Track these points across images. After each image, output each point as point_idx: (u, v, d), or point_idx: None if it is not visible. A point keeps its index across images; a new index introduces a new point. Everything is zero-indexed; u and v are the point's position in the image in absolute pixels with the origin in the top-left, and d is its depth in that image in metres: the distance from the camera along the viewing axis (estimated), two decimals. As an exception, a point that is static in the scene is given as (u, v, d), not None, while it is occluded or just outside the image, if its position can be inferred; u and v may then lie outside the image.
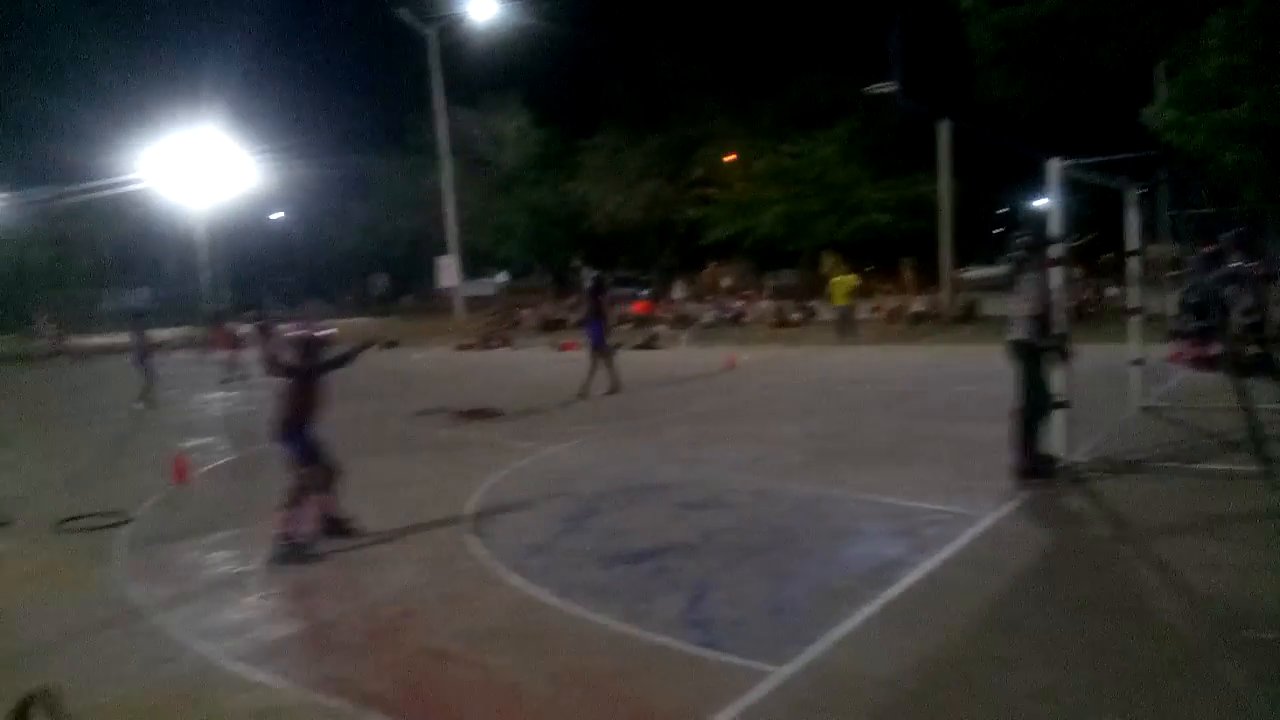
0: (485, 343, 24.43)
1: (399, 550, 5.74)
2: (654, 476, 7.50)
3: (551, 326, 30.15)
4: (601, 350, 12.86)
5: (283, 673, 3.94)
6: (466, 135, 43.04)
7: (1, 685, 3.91)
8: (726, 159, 41.08)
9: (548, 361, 19.54)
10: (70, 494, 7.98)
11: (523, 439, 9.52)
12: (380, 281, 76.45)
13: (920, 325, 22.50)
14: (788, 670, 3.74)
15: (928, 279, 26.89)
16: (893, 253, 31.60)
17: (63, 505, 7.38)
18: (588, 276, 13.03)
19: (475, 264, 50.56)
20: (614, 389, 12.67)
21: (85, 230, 45.20)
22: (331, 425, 11.14)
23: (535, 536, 5.86)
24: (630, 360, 18.69)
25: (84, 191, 37.85)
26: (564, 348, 22.16)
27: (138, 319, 16.16)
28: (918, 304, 24.40)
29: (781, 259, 40.06)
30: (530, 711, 3.52)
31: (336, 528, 5.96)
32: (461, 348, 24.24)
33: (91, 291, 42.13)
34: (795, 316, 25.79)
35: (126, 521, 6.75)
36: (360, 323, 43.40)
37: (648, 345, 21.70)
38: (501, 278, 58.45)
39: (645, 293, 36.20)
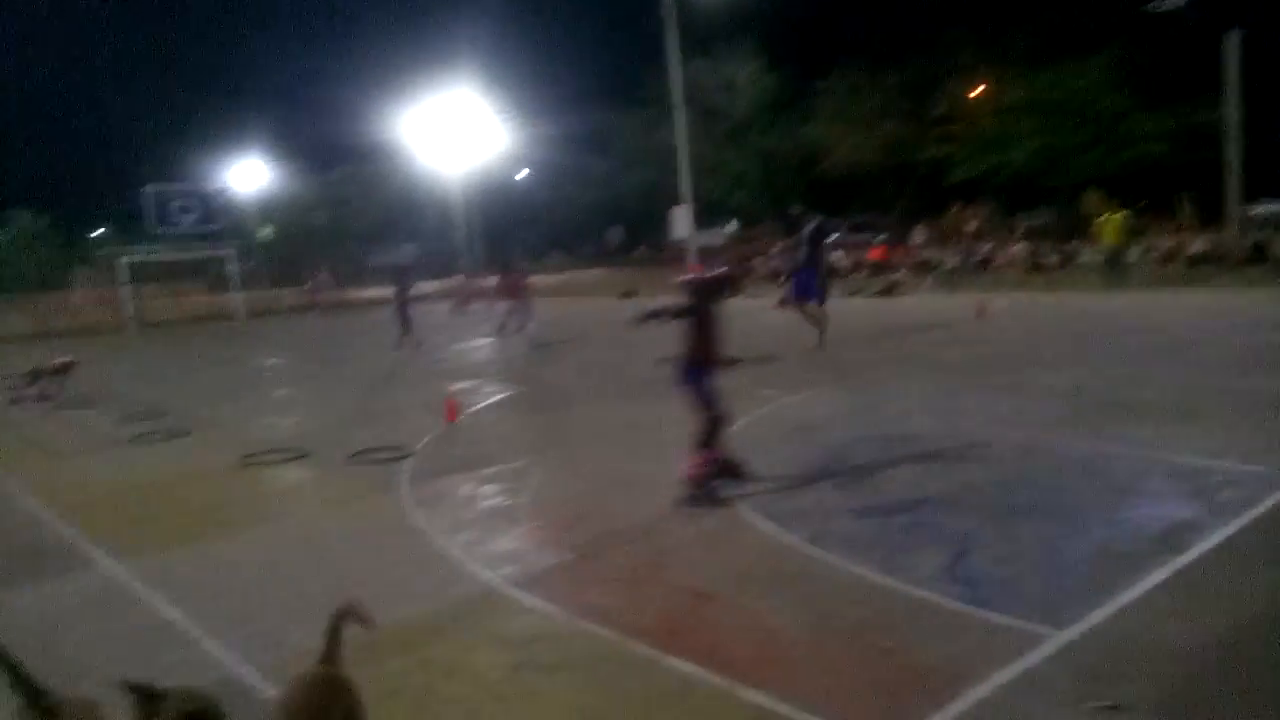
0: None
1: (648, 490, 5.91)
2: (905, 427, 7.25)
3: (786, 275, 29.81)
4: (803, 300, 12.22)
5: (553, 600, 4.18)
6: (699, 85, 43.06)
7: (320, 594, 4.42)
8: (973, 93, 38.45)
9: (780, 310, 19.31)
10: (356, 430, 8.86)
11: (763, 386, 9.49)
12: (616, 234, 78.66)
13: (1200, 267, 20.13)
14: (1068, 635, 3.49)
15: (1209, 216, 24.00)
16: (1167, 188, 28.44)
17: (351, 440, 8.22)
18: (808, 222, 12.27)
19: (707, 214, 50.78)
20: (819, 343, 12.12)
21: (358, 193, 49.78)
22: (584, 370, 11.68)
23: (783, 483, 5.84)
24: (869, 308, 18.14)
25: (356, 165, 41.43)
26: (800, 296, 21.82)
27: (402, 273, 17.59)
28: (1198, 244, 21.81)
29: (1034, 198, 37.17)
30: (795, 656, 3.51)
31: (731, 471, 5.86)
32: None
33: (363, 248, 46.35)
34: (1051, 260, 23.87)
35: (407, 456, 7.39)
36: (597, 274, 45.01)
37: (886, 292, 20.96)
38: (732, 227, 58.39)
39: (882, 238, 34.86)
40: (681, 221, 33.86)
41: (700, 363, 5.57)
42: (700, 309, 5.62)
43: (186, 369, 16.94)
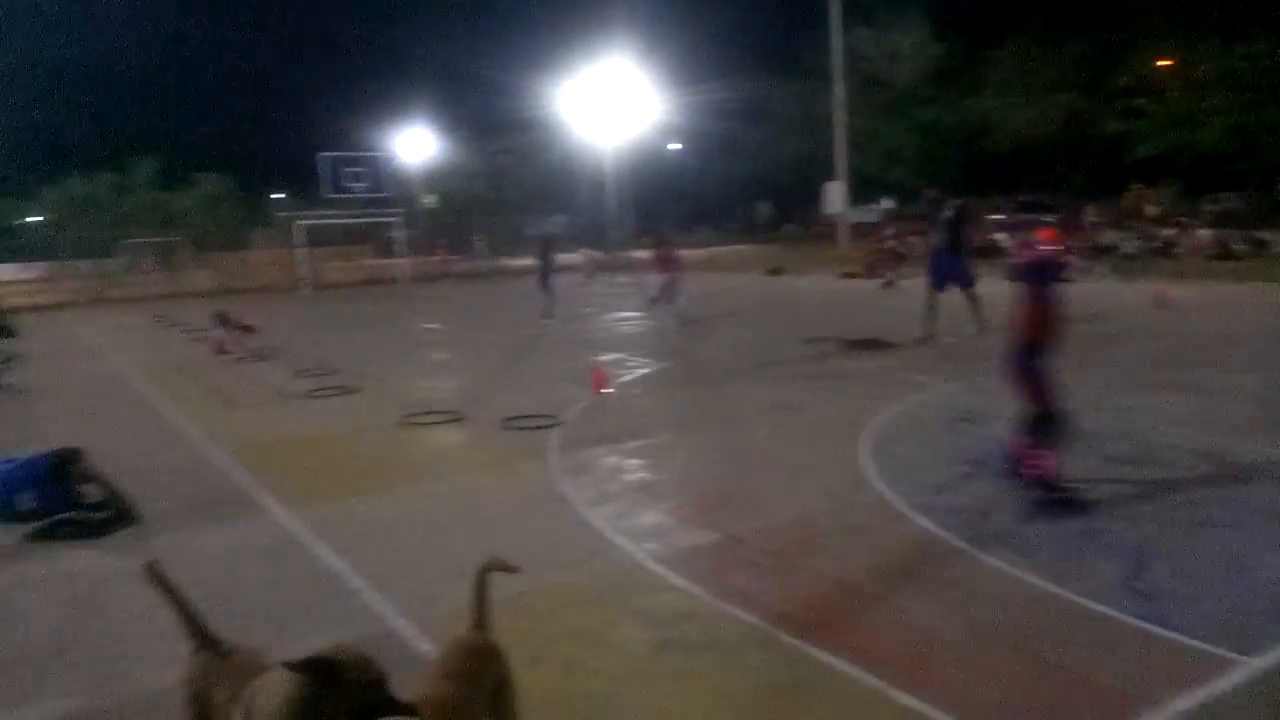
0: (870, 271, 23.80)
1: (797, 474, 5.79)
2: (1074, 424, 6.80)
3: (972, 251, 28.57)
4: (965, 284, 11.45)
5: (697, 580, 4.14)
6: (860, 54, 41.75)
7: (472, 553, 4.55)
8: (1160, 64, 35.63)
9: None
10: (507, 396, 9.10)
11: (917, 373, 9.16)
12: (764, 209, 77.64)
13: None
14: (1261, 663, 3.18)
15: None
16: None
17: (502, 405, 8.44)
18: (949, 205, 11.56)
19: (861, 190, 49.33)
20: (929, 331, 11.30)
21: (516, 164, 51.02)
22: (731, 347, 11.57)
23: (938, 476, 5.59)
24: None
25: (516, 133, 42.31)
26: (957, 278, 20.92)
27: (546, 243, 17.91)
28: None
29: (1222, 181, 34.22)
30: (953, 663, 3.34)
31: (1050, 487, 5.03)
32: (845, 276, 23.89)
33: (519, 218, 47.49)
34: (1241, 248, 21.96)
35: (556, 425, 7.52)
36: (743, 249, 44.58)
37: (1054, 278, 19.76)
38: (887, 204, 56.53)
39: (1051, 219, 32.92)
40: (835, 197, 33.06)
41: (1035, 347, 5.09)
42: (1039, 287, 5.12)
43: (354, 329, 17.86)
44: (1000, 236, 30.85)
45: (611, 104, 39.52)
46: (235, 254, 37.97)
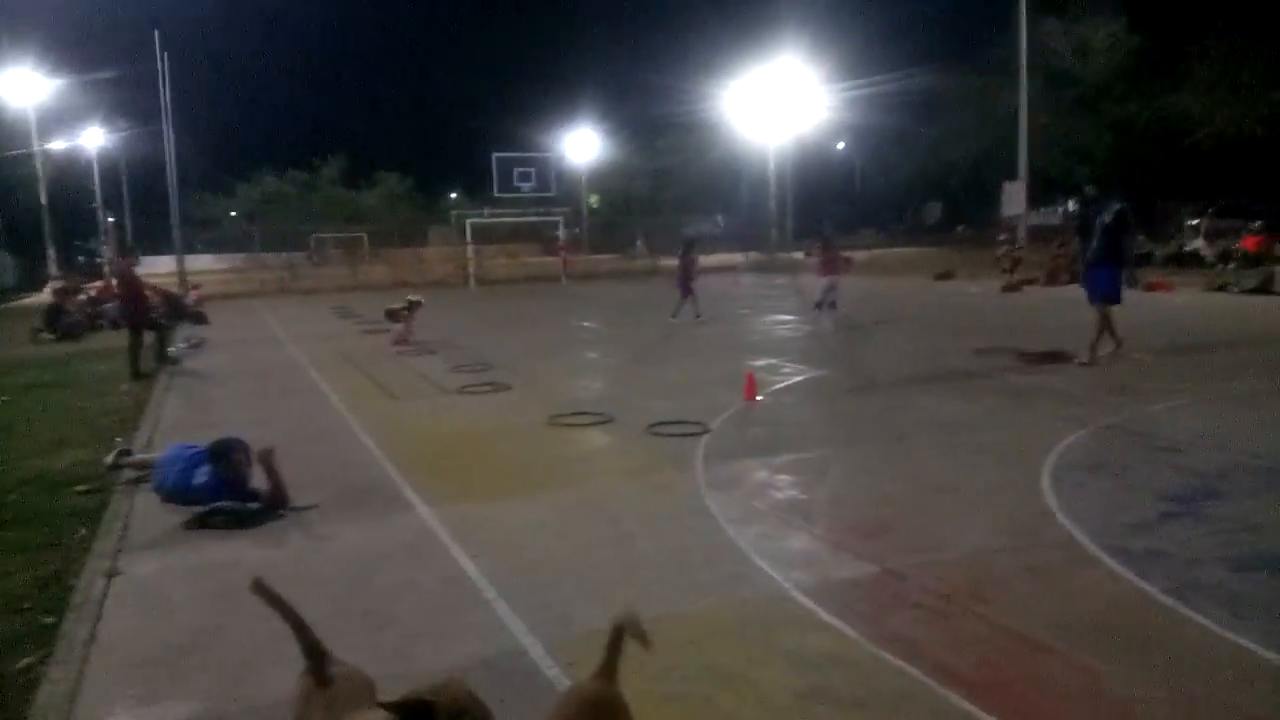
0: (1051, 278, 22.24)
1: (969, 502, 5.24)
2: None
3: (1133, 262, 26.46)
4: (1109, 300, 9.98)
5: (851, 619, 3.73)
6: (1047, 47, 39.27)
7: (610, 569, 4.32)
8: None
9: (1130, 302, 17.00)
10: (655, 399, 8.86)
11: (1107, 391, 8.29)
12: (933, 210, 74.60)
13: None
14: None
15: None
16: None
17: (650, 409, 8.21)
18: (1103, 208, 9.98)
19: (1044, 191, 46.49)
20: (1116, 345, 9.99)
21: (679, 163, 51.08)
22: (894, 355, 10.92)
23: (1134, 514, 4.91)
24: (1235, 306, 15.56)
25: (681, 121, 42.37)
26: (1151, 287, 19.24)
27: (687, 245, 17.66)
28: None
29: None
30: (1157, 747, 2.81)
31: None
32: (1025, 282, 22.41)
33: (679, 218, 47.57)
34: None
35: (705, 432, 7.21)
36: (909, 252, 42.86)
37: (1263, 288, 17.84)
38: (1071, 206, 53.06)
39: (1259, 225, 29.95)
40: (1015, 198, 31.18)
41: None
42: None
43: (513, 325, 18.17)
44: (1199, 244, 28.28)
45: (777, 102, 38.83)
46: (411, 249, 39.73)
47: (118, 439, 8.03)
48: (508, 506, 5.51)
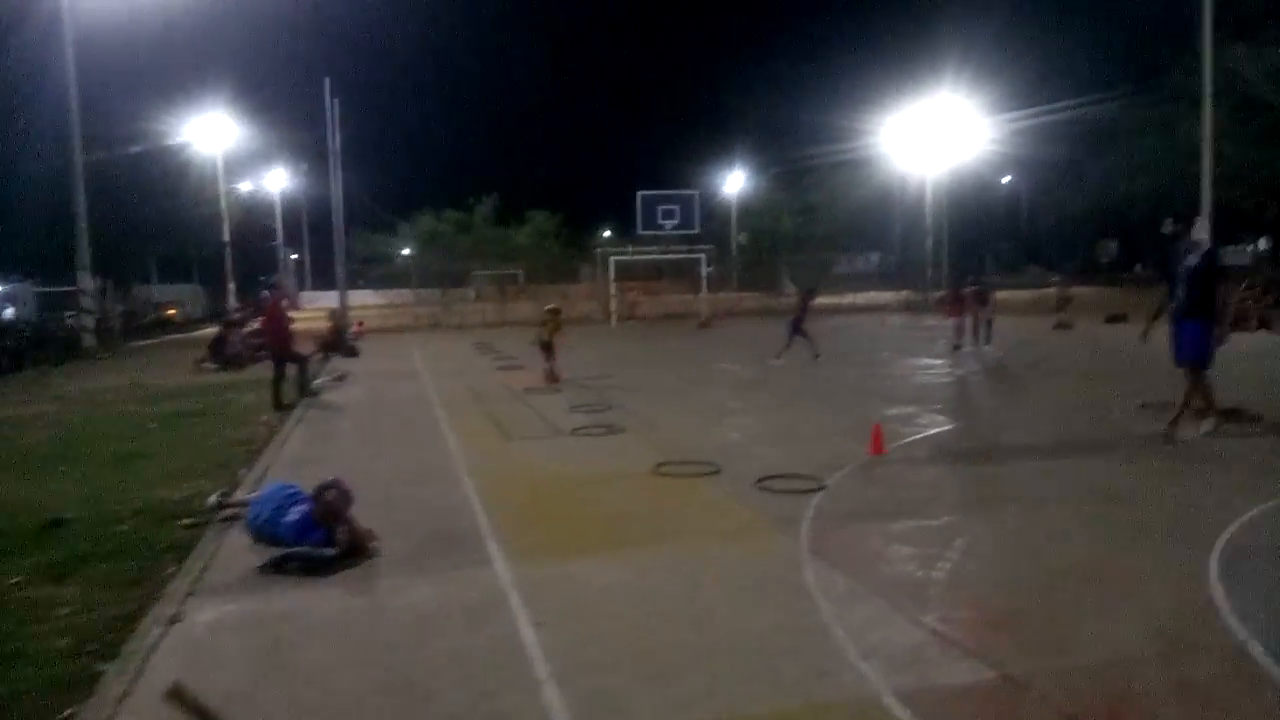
0: (1237, 323, 20.10)
1: (1117, 591, 4.43)
2: None
3: (1228, 316, 23.71)
4: (1197, 365, 8.26)
5: (954, 738, 3.10)
6: (1236, 73, 36.21)
7: (685, 650, 3.83)
8: None
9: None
10: (774, 447, 8.30)
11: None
12: (1108, 249, 70.15)
13: None
14: None
15: None
16: None
17: (767, 458, 7.67)
18: (1191, 247, 8.24)
19: (1229, 229, 42.78)
20: (1212, 416, 8.29)
21: (826, 198, 50.02)
22: (1046, 407, 9.92)
23: (1330, 618, 4.01)
24: None
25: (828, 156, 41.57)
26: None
27: (807, 292, 17.07)
28: None
29: None
30: None
31: None
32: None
33: (827, 255, 46.46)
34: None
35: (820, 489, 6.61)
36: (1083, 292, 40.15)
37: None
38: (1263, 244, 48.57)
39: None
40: (1199, 234, 28.62)
41: None
42: None
43: (645, 364, 17.93)
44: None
45: (935, 135, 37.41)
46: (557, 286, 40.43)
47: (241, 470, 8.22)
48: (588, 565, 5.11)
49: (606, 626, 4.21)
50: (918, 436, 8.80)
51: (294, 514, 5.56)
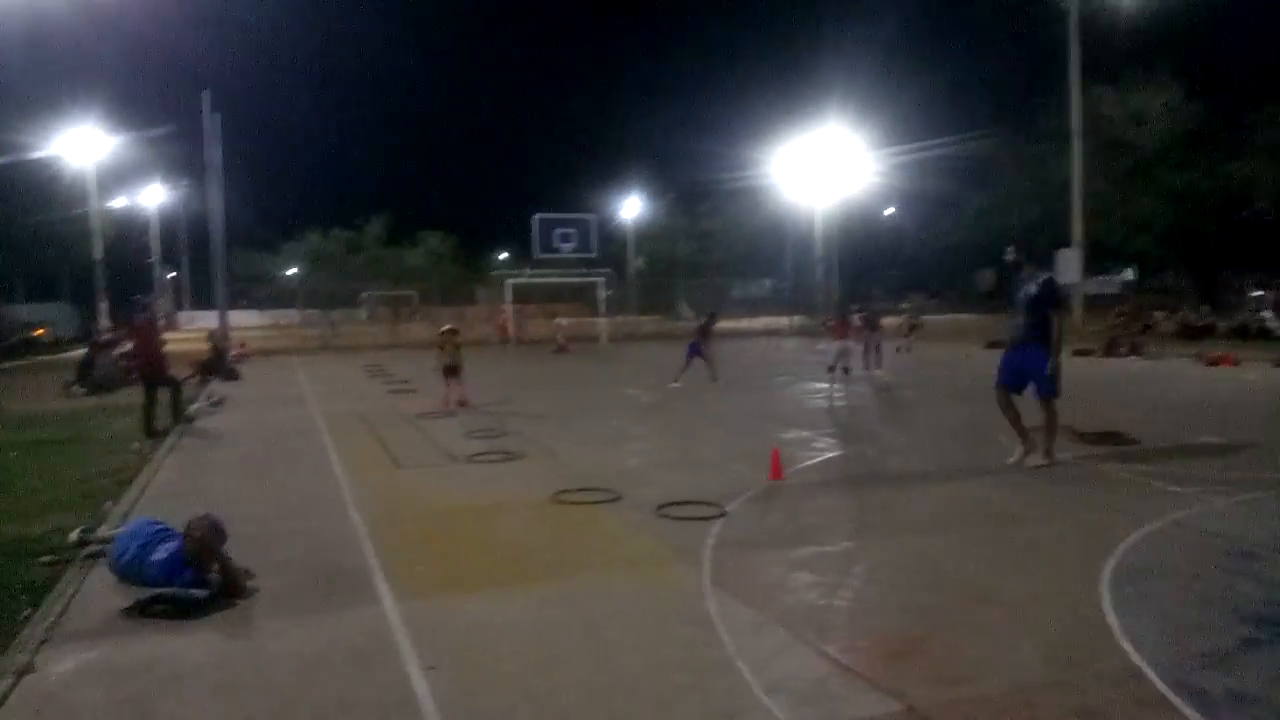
0: (1110, 349, 21.28)
1: (1014, 615, 4.48)
2: None
3: (1194, 334, 25.42)
4: (1051, 394, 8.21)
5: (861, 776, 3.02)
6: (1101, 115, 38.55)
7: (581, 695, 3.65)
8: None
9: (1192, 378, 16.05)
10: (675, 473, 8.23)
11: (1172, 481, 7.42)
12: (986, 278, 73.40)
13: None
14: None
15: None
16: None
17: (668, 484, 7.58)
18: (1028, 276, 8.21)
19: (1097, 259, 45.30)
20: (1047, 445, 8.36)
21: (721, 225, 50.90)
22: (935, 431, 10.15)
23: (1211, 639, 4.13)
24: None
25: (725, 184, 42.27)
26: (1213, 361, 18.24)
27: (710, 316, 17.62)
28: None
29: None
30: None
31: None
32: (1079, 353, 21.41)
33: (724, 281, 47.21)
34: None
35: (720, 515, 6.55)
36: (961, 319, 41.85)
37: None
38: (1127, 275, 51.68)
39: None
40: (1070, 266, 30.29)
41: None
42: None
43: (543, 387, 17.68)
44: (1266, 315, 27.13)
45: (824, 167, 38.55)
46: (453, 308, 39.78)
47: (108, 502, 7.64)
48: (484, 602, 4.88)
49: (503, 668, 4.00)
50: (815, 461, 8.87)
51: (161, 552, 5.16)
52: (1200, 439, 9.42)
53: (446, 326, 14.56)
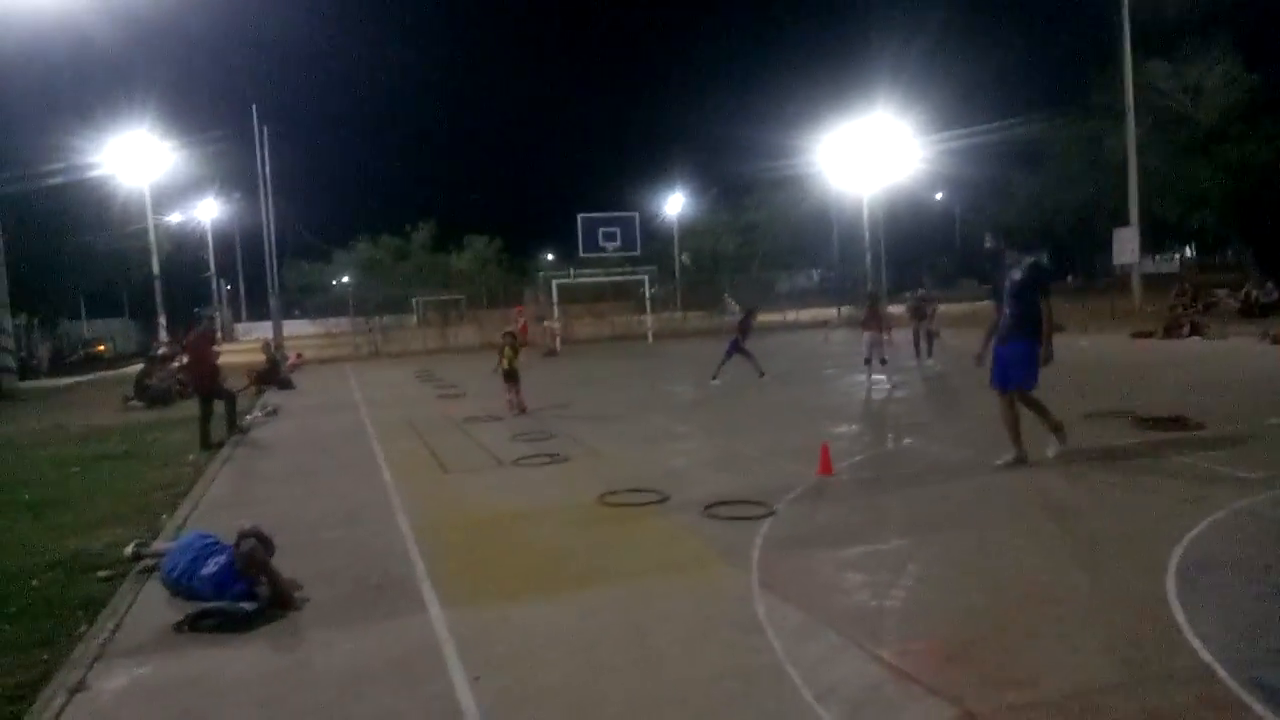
0: (1169, 330, 20.63)
1: (1075, 614, 4.31)
2: None
3: (1259, 312, 24.55)
4: (1026, 387, 7.75)
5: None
6: (1155, 89, 37.47)
7: (619, 697, 3.59)
8: None
9: (1257, 356, 15.48)
10: (723, 472, 8.13)
11: (1238, 467, 7.13)
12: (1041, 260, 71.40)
13: None
14: None
15: None
16: None
17: (715, 484, 7.49)
18: (1012, 263, 7.81)
19: (1157, 237, 44.07)
20: (1056, 429, 8.01)
21: (766, 217, 50.49)
22: (971, 423, 9.90)
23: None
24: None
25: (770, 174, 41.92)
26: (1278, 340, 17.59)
27: (748, 311, 17.11)
28: None
29: None
30: None
31: None
32: (1138, 335, 20.85)
33: (770, 274, 46.84)
34: None
35: (769, 514, 6.44)
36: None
37: None
38: (1189, 252, 50.14)
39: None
40: (1127, 245, 29.44)
41: None
42: None
43: (590, 388, 17.67)
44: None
45: (871, 154, 38.00)
46: (500, 311, 40.01)
47: (163, 515, 7.78)
48: (530, 609, 4.84)
49: (548, 679, 3.95)
50: (868, 454, 8.70)
51: (211, 565, 5.23)
52: (1268, 421, 9.04)
53: (507, 329, 14.56)
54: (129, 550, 6.23)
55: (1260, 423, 9.02)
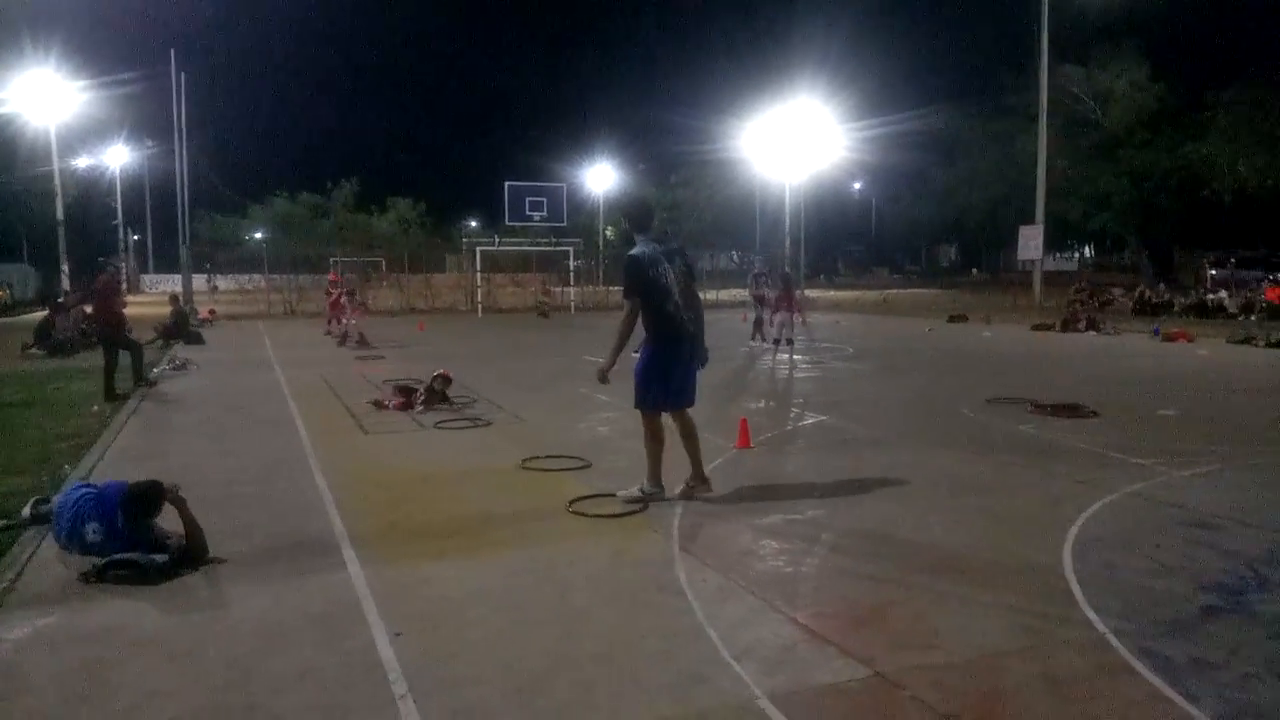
0: (1067, 324, 21.59)
1: (979, 583, 4.53)
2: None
3: (1151, 311, 25.87)
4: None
5: (829, 741, 3.04)
6: (1067, 93, 38.88)
7: (549, 661, 3.64)
8: None
9: (1147, 352, 16.36)
10: (641, 443, 8.18)
11: (1130, 453, 7.56)
12: (948, 252, 73.96)
13: None
14: None
15: None
16: None
17: (634, 454, 7.51)
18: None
19: (1060, 236, 45.80)
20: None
21: (691, 197, 50.74)
22: (882, 403, 10.23)
23: (1171, 607, 4.21)
24: (1262, 361, 14.82)
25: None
26: (1170, 337, 18.64)
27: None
28: None
29: None
30: None
31: None
32: (1037, 328, 21.81)
33: (695, 252, 47.07)
34: None
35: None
36: (924, 294, 42.23)
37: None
38: (1089, 251, 52.28)
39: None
40: (1031, 242, 30.59)
41: None
42: None
43: (513, 355, 17.57)
44: (1220, 294, 27.69)
45: (794, 140, 38.47)
46: (421, 275, 39.30)
47: (65, 466, 7.47)
48: (451, 568, 4.85)
49: (470, 635, 3.97)
50: (783, 429, 8.91)
51: (91, 532, 4.85)
52: (1158, 412, 9.58)
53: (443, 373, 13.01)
54: (26, 512, 5.90)
55: (1151, 412, 9.55)
